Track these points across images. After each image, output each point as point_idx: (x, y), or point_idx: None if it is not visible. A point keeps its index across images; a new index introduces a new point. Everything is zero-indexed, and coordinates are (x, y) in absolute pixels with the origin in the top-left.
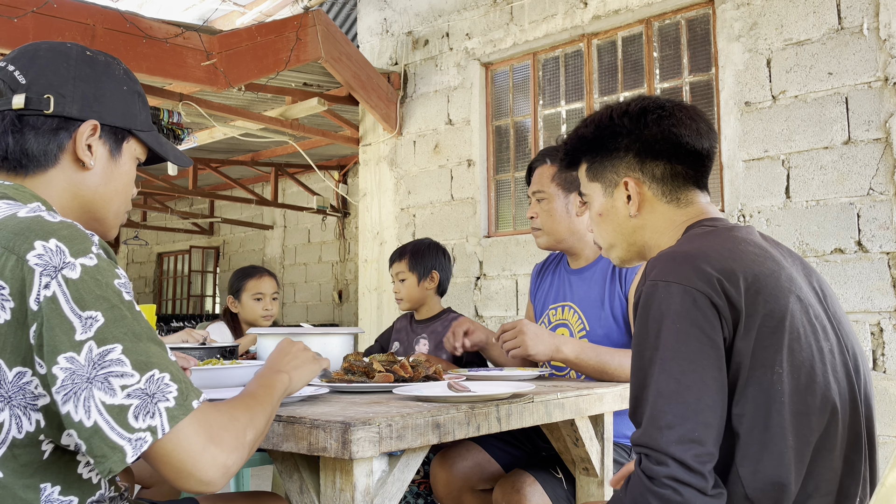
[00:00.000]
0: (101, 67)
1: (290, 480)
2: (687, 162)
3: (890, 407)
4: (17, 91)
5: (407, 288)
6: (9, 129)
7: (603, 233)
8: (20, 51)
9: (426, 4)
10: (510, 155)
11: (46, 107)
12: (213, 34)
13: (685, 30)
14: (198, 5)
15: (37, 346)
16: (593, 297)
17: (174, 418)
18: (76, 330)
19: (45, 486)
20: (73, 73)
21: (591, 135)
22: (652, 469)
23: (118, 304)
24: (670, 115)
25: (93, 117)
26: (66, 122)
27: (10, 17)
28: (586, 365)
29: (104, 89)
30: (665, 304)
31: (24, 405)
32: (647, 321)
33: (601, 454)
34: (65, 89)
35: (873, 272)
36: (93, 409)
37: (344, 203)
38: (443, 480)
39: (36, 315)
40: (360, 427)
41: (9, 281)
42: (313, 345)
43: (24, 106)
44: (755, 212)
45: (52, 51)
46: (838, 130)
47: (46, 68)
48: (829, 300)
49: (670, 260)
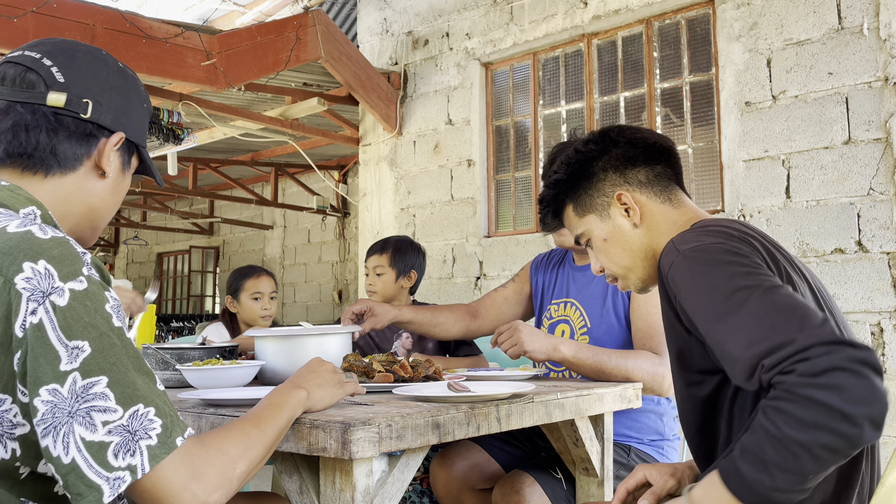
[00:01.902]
0: (130, 81)
1: (289, 480)
2: (662, 160)
3: (890, 407)
4: (55, 88)
5: (383, 283)
6: (43, 126)
7: (615, 257)
8: (56, 46)
9: (426, 4)
10: (510, 155)
11: (84, 111)
12: (213, 34)
13: (685, 30)
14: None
15: (20, 374)
16: (596, 295)
17: (155, 458)
18: (61, 360)
19: (24, 500)
20: (110, 82)
21: (566, 174)
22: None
23: (107, 332)
24: (627, 128)
25: (121, 129)
26: (98, 130)
27: (10, 17)
28: (583, 365)
29: (132, 103)
30: (709, 259)
31: (1, 433)
32: (700, 282)
33: (601, 454)
34: (102, 97)
35: (873, 272)
36: (72, 446)
37: (344, 203)
38: (442, 480)
39: (21, 342)
40: (360, 427)
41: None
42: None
43: (63, 106)
44: (755, 212)
45: (91, 55)
46: (838, 130)
47: (87, 72)
48: (826, 300)
49: (689, 235)
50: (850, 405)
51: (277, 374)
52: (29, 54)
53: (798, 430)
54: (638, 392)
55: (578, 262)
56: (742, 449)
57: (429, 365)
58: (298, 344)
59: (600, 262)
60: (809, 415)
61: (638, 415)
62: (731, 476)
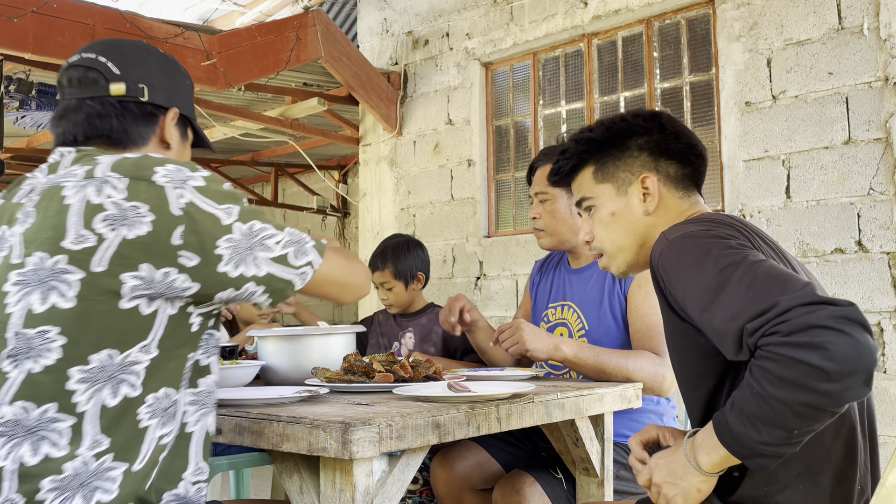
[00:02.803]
0: (172, 64)
1: (290, 481)
2: (694, 164)
3: (890, 407)
4: (114, 80)
5: (395, 295)
6: (111, 112)
7: (612, 235)
8: (106, 44)
9: (426, 4)
10: (510, 155)
11: (142, 94)
12: (213, 34)
13: (685, 30)
14: (198, 5)
15: (185, 244)
16: (592, 297)
17: (321, 253)
18: (221, 218)
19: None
20: (157, 66)
21: (602, 136)
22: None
23: (241, 199)
24: (677, 121)
25: (175, 105)
26: (157, 109)
27: (10, 17)
28: (584, 364)
29: (178, 82)
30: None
31: (173, 297)
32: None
33: (601, 454)
34: (154, 80)
35: (873, 272)
36: (262, 264)
37: (344, 203)
38: (443, 480)
39: (180, 219)
40: (360, 427)
41: (144, 200)
42: (314, 345)
43: (125, 94)
44: (755, 212)
45: (136, 47)
46: (838, 130)
47: (137, 62)
48: None
49: (679, 226)
50: (830, 362)
51: (279, 374)
52: (86, 56)
53: (779, 388)
54: (638, 392)
55: (574, 264)
56: (732, 404)
57: (429, 365)
58: (301, 344)
59: (595, 233)
60: (790, 373)
61: (638, 415)
62: (723, 430)
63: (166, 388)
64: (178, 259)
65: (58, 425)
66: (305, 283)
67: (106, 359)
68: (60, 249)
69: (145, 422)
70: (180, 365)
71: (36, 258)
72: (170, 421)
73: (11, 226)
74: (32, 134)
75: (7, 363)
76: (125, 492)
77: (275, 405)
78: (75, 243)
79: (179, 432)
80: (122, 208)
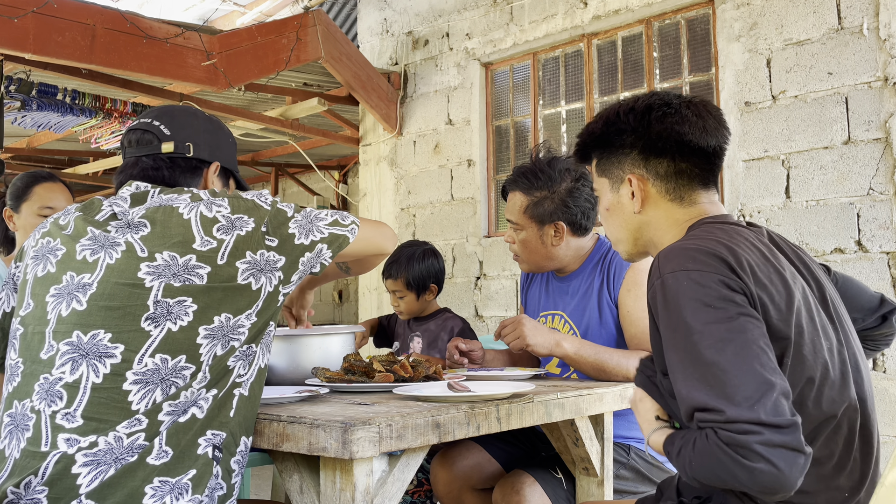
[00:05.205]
0: (216, 124)
1: (290, 480)
2: (691, 160)
3: (890, 407)
4: (164, 140)
5: (406, 304)
6: (163, 166)
7: (611, 227)
8: (160, 111)
9: (426, 4)
10: (510, 155)
11: (188, 151)
12: (214, 34)
13: (685, 30)
14: (198, 5)
15: (269, 231)
16: (582, 305)
17: (357, 219)
18: (287, 212)
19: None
20: (202, 127)
21: (600, 130)
22: (736, 438)
23: (291, 203)
24: (675, 113)
25: (217, 160)
26: (201, 163)
27: (10, 18)
28: (585, 362)
29: (220, 140)
30: (681, 293)
31: (263, 267)
32: (669, 314)
33: (601, 454)
34: (199, 139)
35: (873, 272)
36: (323, 229)
37: (344, 203)
38: (443, 480)
39: (267, 214)
40: (360, 427)
41: (244, 211)
42: (314, 345)
43: (173, 150)
44: (755, 212)
45: (185, 111)
46: (838, 130)
47: (185, 124)
48: (831, 300)
49: (674, 253)
50: (752, 484)
51: (279, 374)
52: (143, 121)
53: (707, 476)
54: None
55: (560, 273)
56: (681, 437)
57: (429, 365)
58: (301, 344)
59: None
60: (719, 473)
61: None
62: (670, 451)
63: (254, 344)
64: (266, 242)
65: (185, 372)
66: (355, 236)
67: (225, 320)
68: (191, 251)
69: (232, 364)
70: (265, 330)
71: (166, 255)
72: (247, 367)
73: (108, 232)
74: (32, 134)
75: (148, 324)
76: (210, 414)
77: (275, 405)
78: (202, 246)
79: (255, 377)
80: (230, 219)
